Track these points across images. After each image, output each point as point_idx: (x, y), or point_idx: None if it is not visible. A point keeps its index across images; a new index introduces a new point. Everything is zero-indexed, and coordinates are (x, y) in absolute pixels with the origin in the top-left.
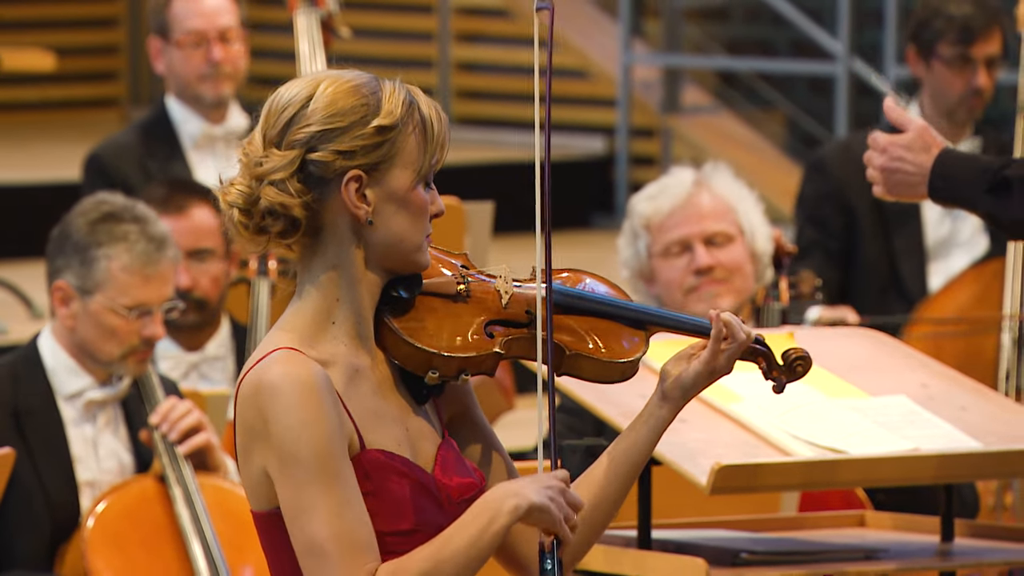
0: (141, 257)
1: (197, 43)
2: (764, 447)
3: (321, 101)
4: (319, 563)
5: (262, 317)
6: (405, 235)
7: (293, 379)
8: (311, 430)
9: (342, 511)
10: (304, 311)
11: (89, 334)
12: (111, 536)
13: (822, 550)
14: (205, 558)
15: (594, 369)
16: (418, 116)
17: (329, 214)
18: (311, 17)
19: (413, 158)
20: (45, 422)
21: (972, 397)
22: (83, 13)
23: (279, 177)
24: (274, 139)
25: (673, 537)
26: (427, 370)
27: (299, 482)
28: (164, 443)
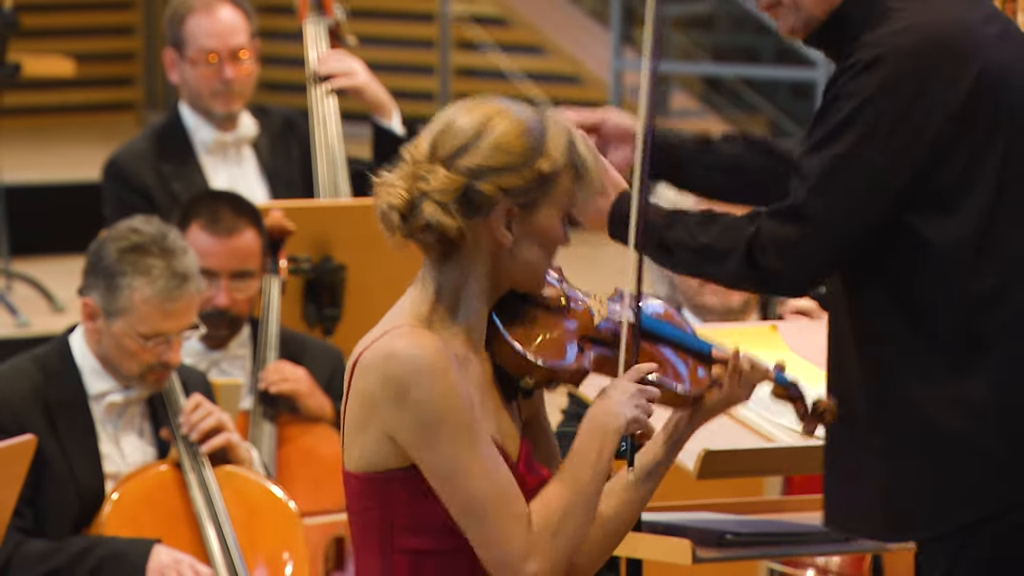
0: (162, 293)
1: (209, 62)
2: (748, 434)
3: (491, 138)
4: (483, 520)
5: (273, 312)
6: (537, 265)
7: (429, 350)
8: (453, 396)
9: (491, 468)
10: (426, 303)
11: (111, 351)
12: (129, 520)
13: (803, 532)
14: (218, 541)
15: (669, 398)
16: (577, 159)
17: (474, 235)
18: (319, 25)
19: (566, 199)
20: (76, 415)
21: None
22: (101, 21)
23: (442, 199)
24: (443, 158)
25: (662, 519)
26: (524, 375)
27: (453, 446)
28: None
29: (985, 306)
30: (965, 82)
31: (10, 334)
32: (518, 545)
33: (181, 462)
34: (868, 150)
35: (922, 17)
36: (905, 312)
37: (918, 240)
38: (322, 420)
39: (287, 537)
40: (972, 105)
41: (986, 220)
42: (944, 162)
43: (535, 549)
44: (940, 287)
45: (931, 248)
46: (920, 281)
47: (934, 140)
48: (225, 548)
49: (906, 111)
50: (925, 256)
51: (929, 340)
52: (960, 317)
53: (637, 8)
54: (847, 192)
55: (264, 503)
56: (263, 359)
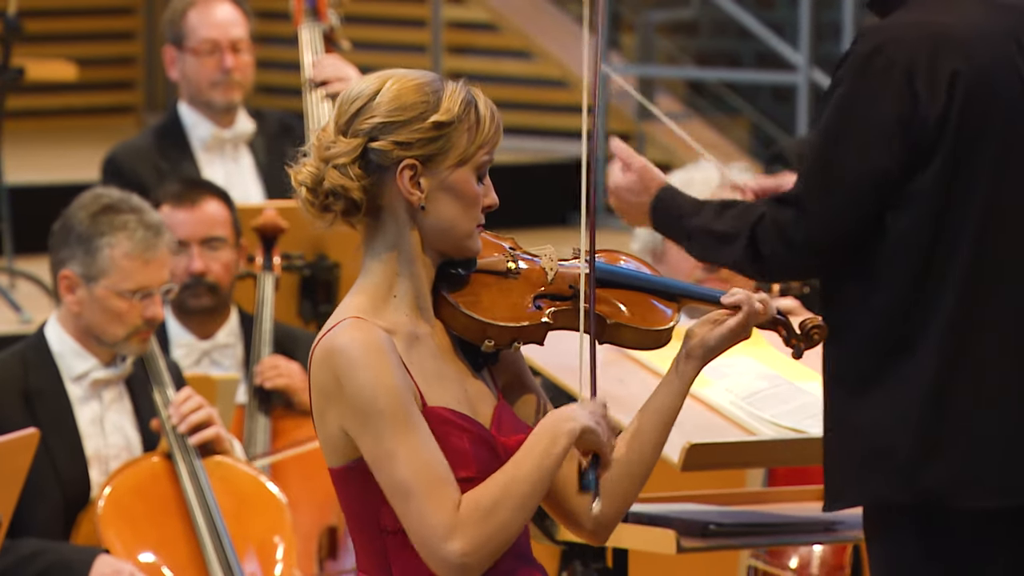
0: (141, 244)
1: (211, 51)
2: (731, 427)
3: (387, 95)
4: (407, 501)
5: (267, 308)
6: (456, 222)
7: (360, 341)
8: (382, 383)
9: (420, 451)
10: (368, 286)
11: (95, 318)
12: (122, 511)
13: (784, 523)
14: (209, 531)
15: (633, 337)
16: (474, 115)
17: (386, 198)
18: (314, 31)
19: (464, 151)
20: (54, 402)
21: None
22: (103, 27)
23: (342, 162)
24: (342, 127)
25: (647, 510)
26: (483, 339)
27: (378, 431)
28: (173, 428)
29: (920, 310)
30: (943, 87)
31: (13, 330)
32: (441, 525)
33: (172, 453)
34: (855, 140)
35: (931, 16)
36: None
37: (880, 233)
38: None
39: (276, 526)
40: (954, 109)
41: (940, 226)
42: (926, 163)
43: (459, 530)
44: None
45: (887, 242)
46: (870, 273)
47: (917, 140)
48: (216, 537)
49: (892, 106)
50: (881, 250)
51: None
52: (892, 320)
53: (623, 15)
54: (836, 178)
55: (253, 493)
56: (258, 354)
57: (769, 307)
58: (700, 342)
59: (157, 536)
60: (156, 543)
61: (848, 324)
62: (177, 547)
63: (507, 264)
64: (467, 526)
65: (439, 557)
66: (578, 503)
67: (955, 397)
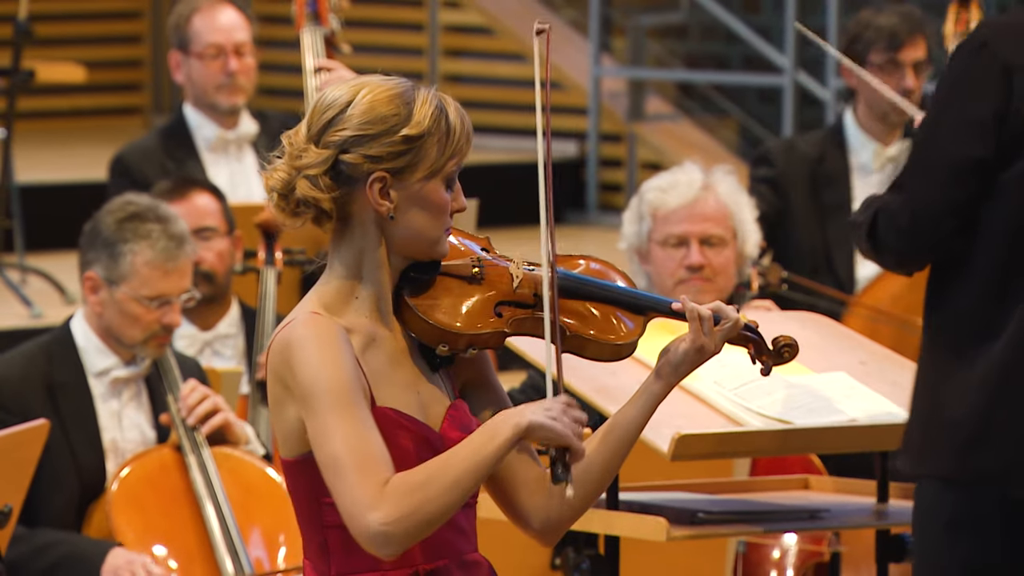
0: (162, 254)
1: (215, 55)
2: (719, 419)
3: (359, 108)
4: (338, 475)
5: (270, 301)
6: (424, 231)
7: (314, 333)
8: (329, 369)
9: (356, 431)
10: (330, 285)
11: (115, 320)
12: (133, 499)
13: (770, 510)
14: (217, 519)
15: (594, 349)
16: (444, 125)
17: (356, 208)
18: (316, 34)
19: (434, 163)
20: (76, 395)
21: (905, 373)
22: (110, 30)
23: (313, 173)
24: (314, 136)
25: (638, 498)
26: (438, 344)
27: (320, 412)
28: (182, 420)
29: (1004, 300)
30: None
31: (25, 324)
32: (367, 496)
33: (181, 445)
34: (953, 128)
35: None
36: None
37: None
38: None
39: (282, 516)
40: None
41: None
42: (1016, 157)
43: (383, 501)
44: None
45: (980, 231)
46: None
47: (1011, 134)
48: (224, 526)
49: (990, 99)
50: (976, 238)
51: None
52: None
53: (615, 19)
54: (934, 164)
55: (260, 483)
56: (260, 346)
57: (730, 316)
58: (667, 361)
59: (167, 524)
60: (166, 531)
61: (941, 306)
62: (186, 535)
63: (472, 269)
64: (391, 498)
65: (362, 526)
66: (527, 503)
67: (1019, 386)
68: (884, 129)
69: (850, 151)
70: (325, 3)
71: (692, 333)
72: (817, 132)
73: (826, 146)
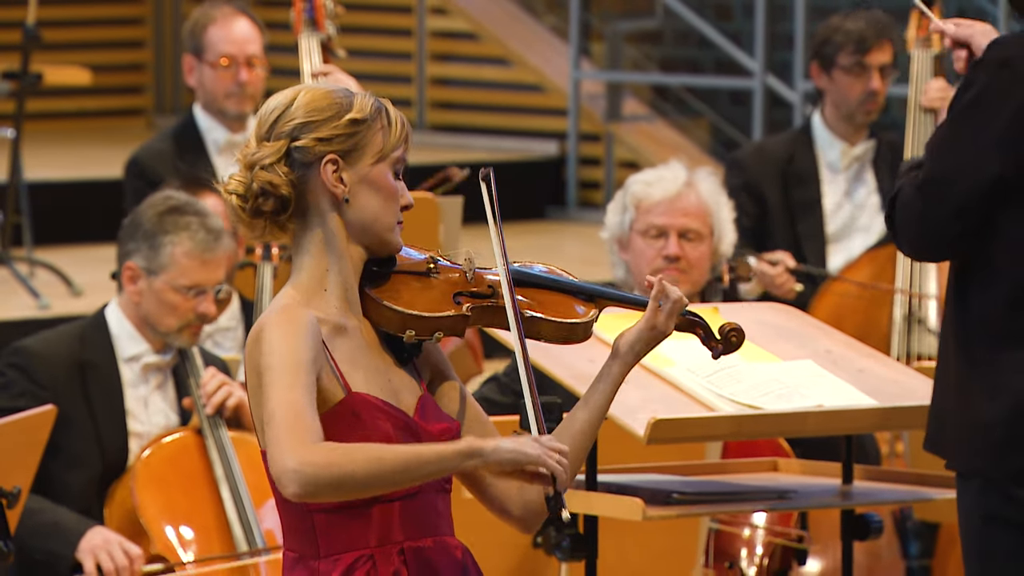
0: (200, 245)
1: (227, 66)
2: (692, 404)
3: (302, 100)
4: (271, 427)
5: (266, 295)
6: (378, 215)
7: (284, 320)
8: (285, 344)
9: (297, 398)
10: (300, 281)
11: (152, 308)
12: (156, 478)
13: (741, 491)
14: (233, 499)
15: (551, 330)
16: (385, 117)
17: (312, 195)
18: (313, 40)
19: (381, 148)
20: (106, 377)
21: (868, 361)
22: (115, 36)
23: (268, 162)
24: (264, 135)
25: (615, 480)
26: (404, 330)
27: (270, 379)
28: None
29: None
30: None
31: (33, 315)
32: (291, 444)
33: (202, 428)
34: (973, 144)
35: None
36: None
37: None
38: None
39: None
40: None
41: None
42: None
43: (305, 450)
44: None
45: (1001, 240)
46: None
47: None
48: (240, 505)
49: (1011, 118)
50: (996, 247)
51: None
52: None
53: (594, 24)
54: (952, 178)
55: None
56: None
57: (682, 300)
58: (623, 340)
59: (186, 501)
60: (185, 507)
61: (969, 309)
62: (204, 511)
63: (427, 266)
64: (314, 448)
65: (279, 466)
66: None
67: None
68: (850, 129)
69: (818, 150)
70: (322, 10)
71: (650, 312)
72: (786, 133)
73: (796, 146)
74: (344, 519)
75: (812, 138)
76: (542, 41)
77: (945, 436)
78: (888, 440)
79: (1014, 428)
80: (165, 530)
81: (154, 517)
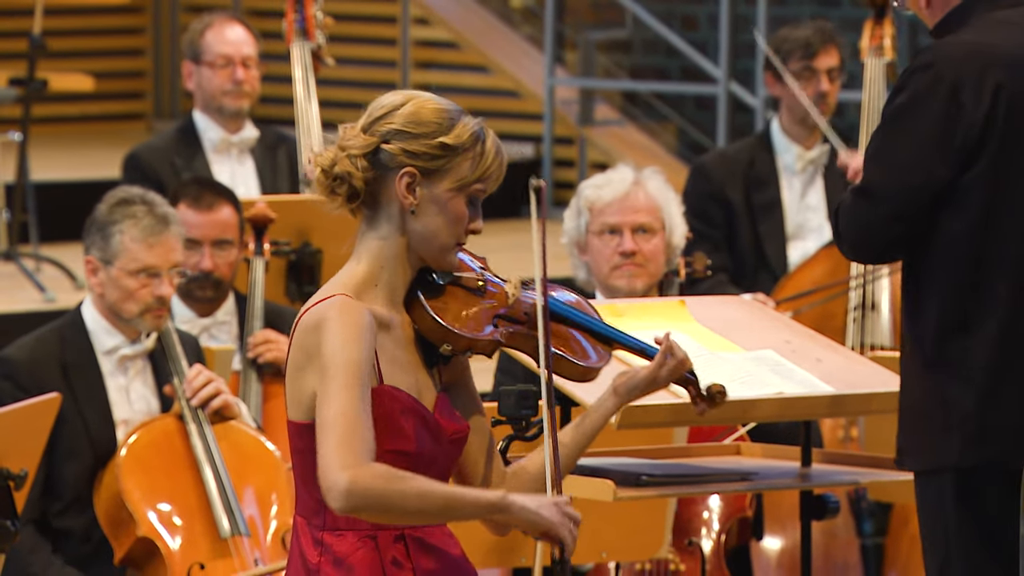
0: (145, 230)
1: (224, 64)
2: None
3: (408, 108)
4: (328, 436)
5: (258, 288)
6: (438, 234)
7: (346, 313)
8: (350, 348)
9: (355, 407)
10: (356, 271)
11: (113, 297)
12: (139, 462)
13: (707, 473)
14: (215, 481)
15: (570, 369)
16: (480, 148)
17: (384, 196)
18: (303, 48)
19: (463, 177)
20: (87, 373)
21: (826, 351)
22: (116, 45)
23: (355, 152)
24: (365, 126)
25: (588, 463)
26: (442, 343)
27: (329, 381)
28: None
29: (975, 299)
30: (987, 97)
31: (39, 308)
32: (345, 458)
33: (183, 415)
34: (906, 146)
35: (979, 37)
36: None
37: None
38: None
39: (273, 480)
40: (999, 116)
41: (987, 224)
42: (972, 164)
43: (359, 469)
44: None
45: (945, 239)
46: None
47: (963, 143)
48: (221, 487)
49: (939, 117)
50: (939, 247)
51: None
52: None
53: (567, 34)
54: (890, 168)
55: (253, 450)
56: (250, 328)
57: (687, 362)
58: (625, 383)
59: (170, 485)
60: (169, 491)
61: (917, 310)
62: (187, 494)
63: (477, 283)
64: (367, 470)
65: (332, 478)
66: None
67: (1006, 381)
68: (804, 133)
69: (776, 154)
70: (312, 20)
71: (655, 364)
72: (747, 139)
73: (756, 151)
74: None
75: (771, 143)
76: (519, 50)
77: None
78: (844, 425)
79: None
80: (148, 514)
81: (139, 501)
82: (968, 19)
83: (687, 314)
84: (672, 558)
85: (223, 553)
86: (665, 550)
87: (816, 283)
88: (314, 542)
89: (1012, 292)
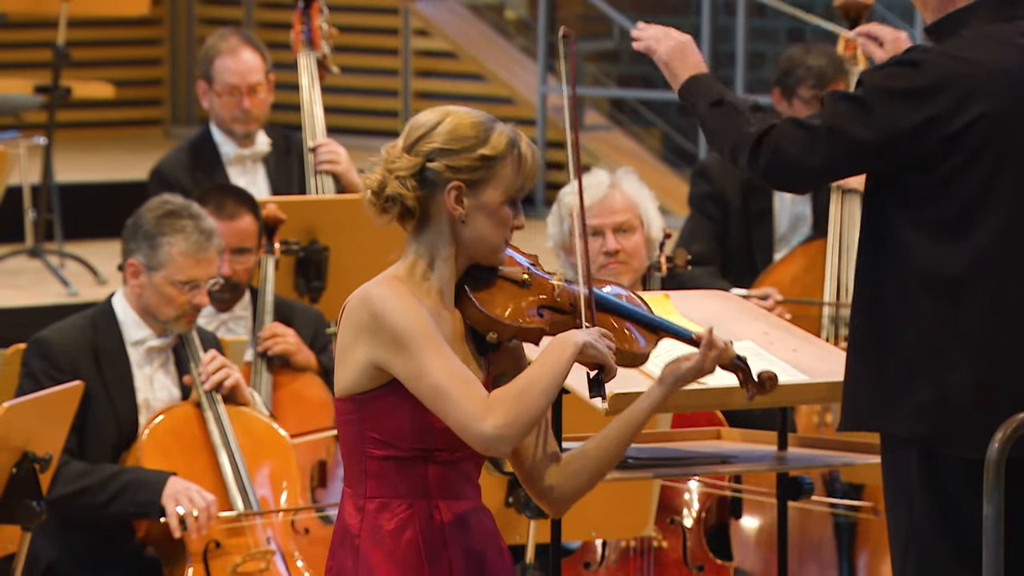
0: (195, 245)
1: (231, 93)
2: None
3: (446, 126)
4: (446, 400)
5: (269, 284)
6: (487, 237)
7: (395, 289)
8: (413, 315)
9: (451, 363)
10: (408, 266)
11: (152, 300)
12: (160, 446)
13: (689, 456)
14: (230, 465)
15: (617, 356)
16: (517, 153)
17: (434, 210)
18: (310, 57)
19: (506, 183)
20: (117, 360)
21: (801, 342)
22: (135, 55)
23: (403, 174)
24: (407, 147)
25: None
26: (488, 331)
27: (411, 352)
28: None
29: (922, 287)
30: (967, 116)
31: (63, 301)
32: (476, 408)
33: (200, 402)
34: (876, 112)
35: (968, 53)
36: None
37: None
38: (308, 370)
39: (285, 464)
40: (967, 132)
41: (968, 216)
42: (930, 165)
43: (492, 408)
44: None
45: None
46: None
47: (919, 134)
48: (236, 470)
49: (908, 105)
50: (894, 232)
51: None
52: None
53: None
54: (841, 133)
55: (267, 436)
56: (261, 321)
57: (730, 350)
58: (671, 372)
59: (187, 468)
60: (186, 473)
61: (865, 294)
62: (203, 477)
63: (523, 276)
64: (499, 405)
65: (477, 433)
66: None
67: (942, 364)
68: None
69: None
70: (318, 31)
71: (700, 356)
72: None
73: None
74: (391, 467)
75: None
76: (513, 59)
77: (853, 402)
78: (818, 411)
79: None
80: None
81: None
82: (963, 28)
83: (672, 307)
84: (655, 535)
85: (237, 532)
86: (650, 529)
87: (794, 277)
88: (356, 509)
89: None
